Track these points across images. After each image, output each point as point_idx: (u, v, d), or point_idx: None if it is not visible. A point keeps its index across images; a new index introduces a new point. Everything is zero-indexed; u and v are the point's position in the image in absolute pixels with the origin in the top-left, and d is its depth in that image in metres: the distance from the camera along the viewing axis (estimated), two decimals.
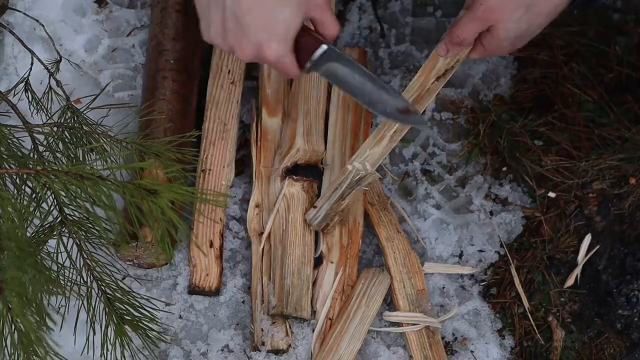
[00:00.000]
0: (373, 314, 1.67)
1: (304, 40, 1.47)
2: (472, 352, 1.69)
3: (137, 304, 1.47)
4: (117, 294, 1.45)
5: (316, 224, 1.69)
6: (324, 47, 1.48)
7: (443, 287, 1.75)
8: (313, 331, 1.68)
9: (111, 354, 1.50)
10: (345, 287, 1.71)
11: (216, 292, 1.72)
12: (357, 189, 1.63)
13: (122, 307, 1.46)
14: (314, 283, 1.71)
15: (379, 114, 1.58)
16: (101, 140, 1.44)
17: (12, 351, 1.15)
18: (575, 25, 1.89)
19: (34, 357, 1.10)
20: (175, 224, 1.10)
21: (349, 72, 1.51)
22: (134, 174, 1.56)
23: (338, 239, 1.73)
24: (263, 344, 1.66)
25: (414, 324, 1.68)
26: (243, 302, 1.73)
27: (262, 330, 1.66)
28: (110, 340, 1.48)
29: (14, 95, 1.69)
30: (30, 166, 1.21)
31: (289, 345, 1.67)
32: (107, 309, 1.45)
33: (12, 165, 1.27)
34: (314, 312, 1.70)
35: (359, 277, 1.71)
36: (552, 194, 1.76)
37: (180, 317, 1.71)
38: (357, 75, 1.51)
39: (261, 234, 1.74)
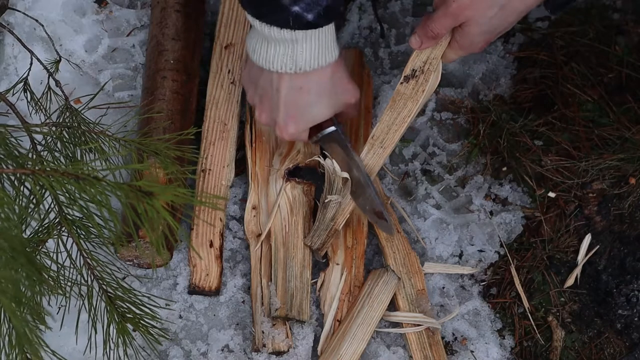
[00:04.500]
0: (378, 315, 1.66)
1: None
2: (472, 352, 1.69)
3: (139, 302, 1.47)
4: (118, 292, 1.46)
5: (315, 247, 1.70)
6: (332, 128, 1.67)
7: (443, 287, 1.75)
8: (313, 332, 1.69)
9: (114, 352, 1.51)
10: (352, 288, 1.71)
11: (216, 292, 1.72)
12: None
13: (123, 305, 1.46)
14: (321, 286, 1.71)
15: (356, 203, 1.69)
16: (99, 139, 1.44)
17: (9, 351, 1.16)
18: (575, 25, 1.89)
19: (29, 356, 1.10)
20: (171, 226, 1.10)
21: (346, 155, 1.67)
22: (134, 173, 1.56)
23: (343, 241, 1.73)
24: (264, 346, 1.66)
25: (415, 325, 1.67)
26: (243, 302, 1.73)
27: (263, 332, 1.66)
28: (112, 339, 1.49)
29: (13, 95, 1.69)
30: (28, 166, 1.21)
31: (290, 347, 1.67)
32: (108, 308, 1.45)
33: (10, 166, 1.27)
34: (322, 315, 1.70)
35: (367, 279, 1.71)
36: (552, 194, 1.76)
37: (180, 317, 1.71)
38: (353, 161, 1.67)
39: (259, 235, 1.74)
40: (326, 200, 1.67)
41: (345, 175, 1.66)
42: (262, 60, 1.55)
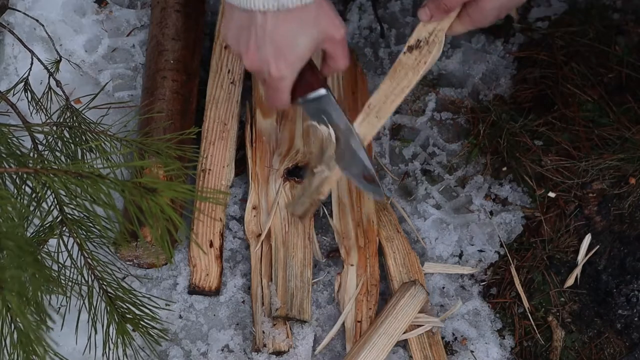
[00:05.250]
0: (402, 327, 1.65)
1: (307, 77, 1.55)
2: (472, 352, 1.69)
3: (139, 302, 1.47)
4: (118, 293, 1.46)
5: (298, 214, 1.64)
6: (323, 91, 1.55)
7: (443, 287, 1.75)
8: (313, 332, 1.69)
9: (113, 352, 1.51)
10: (370, 287, 1.70)
11: (216, 292, 1.72)
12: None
13: (123, 305, 1.46)
14: (338, 289, 1.71)
15: (344, 170, 1.59)
16: (100, 139, 1.44)
17: (11, 350, 1.16)
18: (575, 25, 1.90)
19: (33, 356, 1.10)
20: (174, 223, 1.10)
21: (337, 121, 1.57)
22: (134, 173, 1.56)
23: (355, 242, 1.73)
24: (265, 346, 1.66)
25: (418, 326, 1.67)
26: (243, 302, 1.73)
27: (264, 332, 1.66)
28: (112, 339, 1.48)
29: (14, 95, 1.69)
30: (30, 165, 1.21)
31: (290, 347, 1.67)
32: (108, 308, 1.45)
33: (12, 165, 1.27)
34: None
35: (396, 290, 1.70)
36: (552, 194, 1.76)
37: (180, 317, 1.71)
38: (343, 127, 1.57)
39: (259, 235, 1.73)
40: (316, 170, 1.62)
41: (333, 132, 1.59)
42: (245, 1, 1.48)
